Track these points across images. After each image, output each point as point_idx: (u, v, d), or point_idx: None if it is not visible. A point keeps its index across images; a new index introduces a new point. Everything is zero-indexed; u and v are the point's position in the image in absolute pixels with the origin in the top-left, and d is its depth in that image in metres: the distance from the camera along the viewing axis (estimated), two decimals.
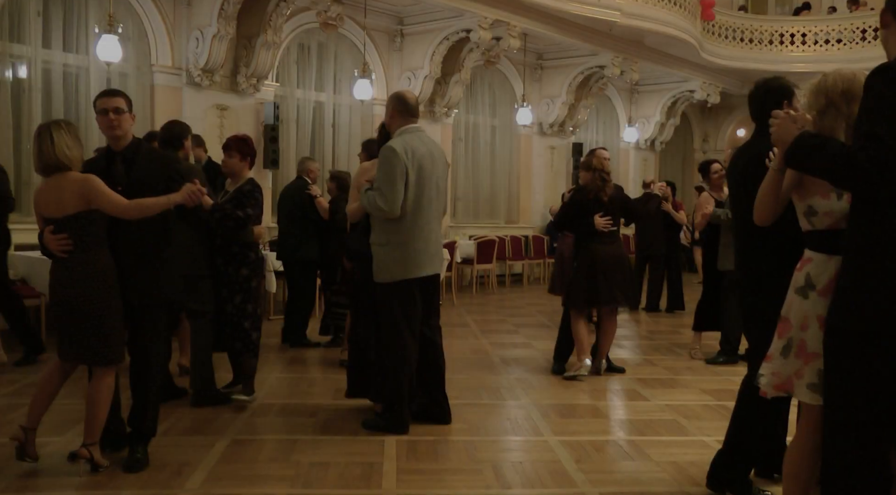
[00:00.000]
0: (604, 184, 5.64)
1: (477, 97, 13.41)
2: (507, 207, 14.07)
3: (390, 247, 4.24)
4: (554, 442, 4.21)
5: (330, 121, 11.15)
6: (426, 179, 4.26)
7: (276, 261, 8.13)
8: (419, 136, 4.35)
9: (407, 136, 4.30)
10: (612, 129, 16.42)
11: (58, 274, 3.47)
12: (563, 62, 13.95)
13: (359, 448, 4.02)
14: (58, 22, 8.34)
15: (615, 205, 5.68)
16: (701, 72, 15.59)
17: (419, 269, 4.26)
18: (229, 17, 9.03)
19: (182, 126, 5.05)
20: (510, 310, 9.97)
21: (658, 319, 9.19)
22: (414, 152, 4.22)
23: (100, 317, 3.41)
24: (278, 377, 5.70)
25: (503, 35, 11.26)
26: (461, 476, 3.65)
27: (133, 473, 3.54)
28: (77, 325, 3.43)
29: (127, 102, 3.62)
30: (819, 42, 15.53)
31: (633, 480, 3.65)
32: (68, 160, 3.41)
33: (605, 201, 5.63)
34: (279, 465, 3.73)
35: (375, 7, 10.96)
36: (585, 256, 5.67)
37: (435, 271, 4.41)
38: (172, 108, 9.04)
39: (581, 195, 5.74)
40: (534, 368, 6.20)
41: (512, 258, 13.02)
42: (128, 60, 8.79)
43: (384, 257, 4.25)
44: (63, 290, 3.44)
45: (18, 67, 8.12)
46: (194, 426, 4.37)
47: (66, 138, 3.41)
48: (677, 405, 5.09)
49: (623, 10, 12.10)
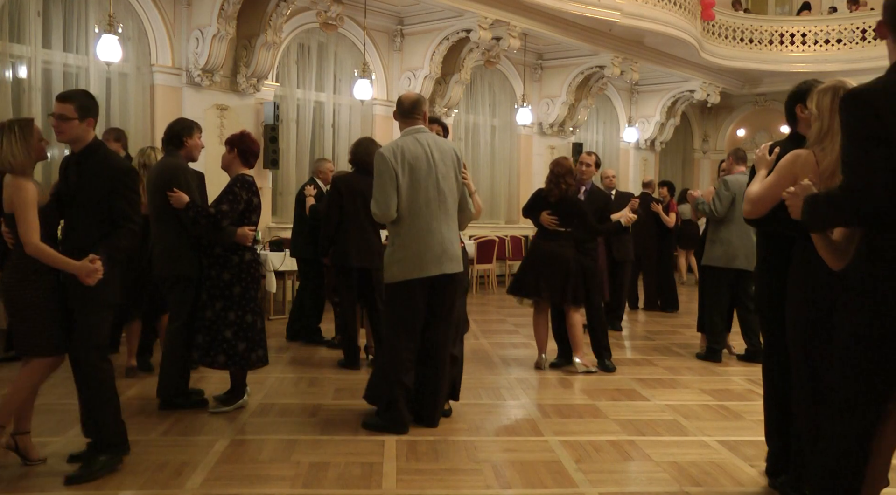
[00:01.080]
0: (555, 187, 5.92)
1: (477, 97, 13.41)
2: (507, 207, 14.06)
3: (394, 249, 4.31)
4: (554, 442, 4.21)
5: (330, 121, 11.15)
6: (420, 181, 4.25)
7: (276, 261, 8.22)
8: (417, 137, 4.33)
9: (403, 139, 4.35)
10: (612, 129, 16.42)
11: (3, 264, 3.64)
12: (563, 62, 13.95)
13: (359, 448, 4.02)
14: (58, 22, 8.34)
15: (563, 208, 5.93)
16: (701, 72, 15.58)
17: (419, 271, 4.26)
18: (229, 17, 9.04)
19: (183, 123, 4.89)
20: (510, 309, 9.99)
21: (658, 319, 9.19)
22: (405, 154, 4.24)
23: (22, 309, 3.46)
24: (278, 377, 5.70)
25: (503, 35, 11.26)
26: (461, 476, 3.65)
27: (69, 485, 3.39)
28: (8, 314, 3.59)
29: (78, 108, 3.48)
30: (819, 42, 15.53)
31: (633, 480, 3.65)
32: (11, 166, 3.45)
33: (552, 202, 5.95)
34: (279, 465, 3.73)
35: (375, 7, 10.96)
36: (529, 248, 6.35)
37: (441, 272, 4.30)
38: (172, 108, 9.04)
39: (540, 192, 6.14)
40: (534, 368, 6.20)
41: (512, 258, 13.02)
42: (128, 60, 8.80)
43: (388, 259, 4.34)
44: (2, 280, 3.56)
45: (18, 67, 8.12)
46: (194, 426, 4.37)
47: (13, 146, 3.44)
48: (677, 405, 5.09)
49: (623, 10, 12.10)
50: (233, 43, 9.41)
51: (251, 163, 4.80)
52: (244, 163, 4.75)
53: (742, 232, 6.35)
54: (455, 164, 4.40)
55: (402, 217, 4.25)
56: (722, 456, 4.03)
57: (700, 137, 19.04)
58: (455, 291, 4.45)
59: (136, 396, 5.01)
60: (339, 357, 6.22)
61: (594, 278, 6.12)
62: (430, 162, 4.29)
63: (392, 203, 4.22)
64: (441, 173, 4.31)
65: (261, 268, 8.15)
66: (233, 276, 4.56)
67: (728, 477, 3.70)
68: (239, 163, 4.74)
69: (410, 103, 4.42)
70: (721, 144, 18.73)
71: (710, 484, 3.61)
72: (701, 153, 18.98)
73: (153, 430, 4.26)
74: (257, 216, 4.72)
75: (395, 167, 4.21)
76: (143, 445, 3.98)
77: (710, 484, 3.61)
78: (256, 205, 4.67)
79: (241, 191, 4.57)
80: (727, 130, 18.83)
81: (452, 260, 4.34)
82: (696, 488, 3.55)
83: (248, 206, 4.61)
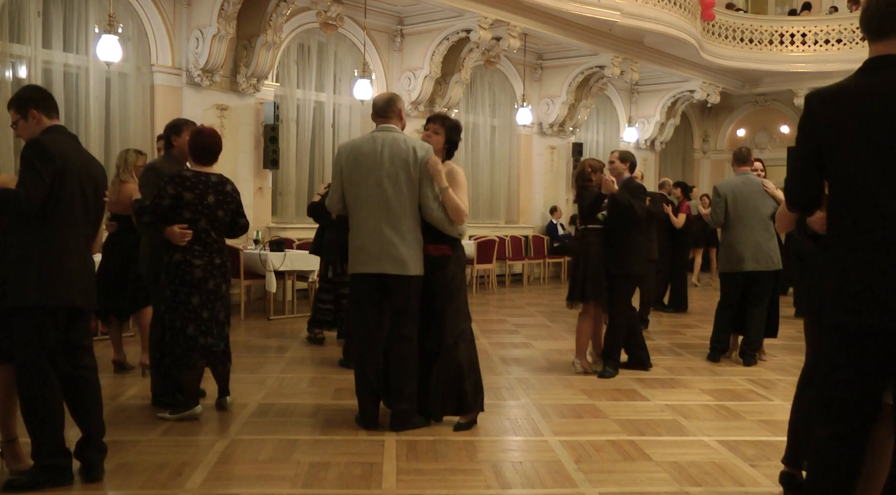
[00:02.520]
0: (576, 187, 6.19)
1: (477, 97, 13.41)
2: (507, 207, 14.07)
3: (349, 243, 4.45)
4: (554, 442, 4.21)
5: (330, 121, 11.15)
6: (361, 177, 4.30)
7: (276, 261, 8.21)
8: (375, 135, 4.39)
9: (363, 136, 4.54)
10: (612, 129, 16.42)
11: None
12: (563, 62, 13.95)
13: (359, 448, 4.02)
14: (58, 22, 8.34)
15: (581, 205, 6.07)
16: (701, 72, 15.59)
17: (358, 266, 4.37)
18: (229, 17, 9.04)
19: (173, 123, 4.90)
20: (510, 310, 9.99)
21: (658, 319, 9.18)
22: (352, 150, 4.38)
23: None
24: (278, 377, 5.70)
25: (503, 35, 11.26)
26: (461, 476, 3.65)
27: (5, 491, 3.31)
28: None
29: (17, 110, 3.43)
30: (819, 42, 15.52)
31: (633, 480, 3.65)
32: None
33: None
34: (279, 465, 3.73)
35: (375, 7, 10.96)
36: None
37: (380, 271, 4.27)
38: (172, 108, 9.05)
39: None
40: (534, 368, 6.20)
41: (512, 258, 13.03)
42: (128, 60, 8.80)
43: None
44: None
45: (18, 67, 8.12)
46: (194, 426, 4.37)
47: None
48: (677, 405, 5.09)
49: (623, 10, 12.10)
50: (233, 43, 9.41)
51: (202, 161, 4.47)
52: (195, 159, 4.49)
53: (746, 233, 6.28)
54: (408, 165, 4.25)
55: (349, 211, 4.40)
56: (722, 456, 4.03)
57: (700, 137, 19.04)
58: (403, 293, 4.29)
59: (137, 396, 5.02)
60: (339, 357, 6.22)
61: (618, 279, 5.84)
62: (377, 159, 4.28)
63: (335, 196, 4.42)
64: (387, 172, 4.26)
65: (259, 267, 8.22)
66: (165, 277, 4.40)
67: (728, 477, 3.70)
68: (190, 159, 4.57)
69: (384, 102, 4.46)
70: (721, 144, 18.74)
71: (710, 484, 3.61)
72: (701, 153, 18.98)
73: (153, 430, 4.26)
74: (194, 213, 4.34)
75: (342, 161, 4.39)
76: (143, 445, 3.99)
77: (710, 484, 3.61)
78: (189, 200, 4.31)
79: (168, 185, 4.31)
80: (727, 130, 18.83)
81: (395, 261, 4.25)
82: (696, 488, 3.55)
83: (177, 202, 4.30)
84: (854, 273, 2.36)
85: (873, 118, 2.34)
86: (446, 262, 4.39)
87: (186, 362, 4.40)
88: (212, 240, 4.43)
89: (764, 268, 6.30)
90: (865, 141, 2.35)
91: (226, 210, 4.47)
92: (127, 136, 8.85)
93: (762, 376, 6.05)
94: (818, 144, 2.47)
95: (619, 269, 5.81)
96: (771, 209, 6.23)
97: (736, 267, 6.35)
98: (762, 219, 6.29)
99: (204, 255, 4.39)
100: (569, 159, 14.84)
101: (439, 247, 4.37)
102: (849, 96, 2.41)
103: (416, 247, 4.30)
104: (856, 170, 2.37)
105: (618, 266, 5.81)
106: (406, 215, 4.28)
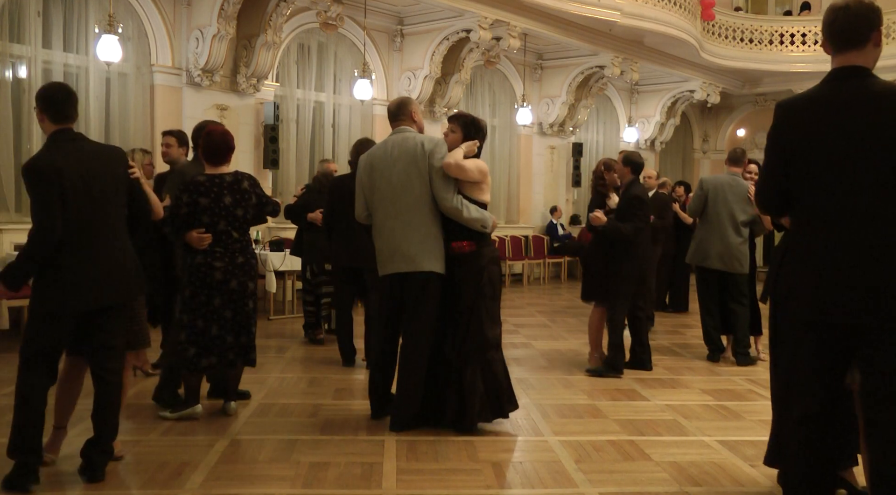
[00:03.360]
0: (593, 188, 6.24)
1: (477, 97, 13.40)
2: (507, 207, 14.06)
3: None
4: (554, 442, 4.21)
5: (330, 121, 11.14)
6: (378, 180, 4.38)
7: (276, 261, 8.22)
8: (387, 139, 4.49)
9: (380, 142, 4.60)
10: (612, 129, 16.41)
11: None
12: (563, 62, 13.94)
13: (359, 448, 4.02)
14: (58, 22, 8.33)
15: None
16: (701, 72, 15.57)
17: (380, 269, 4.45)
18: (229, 17, 9.03)
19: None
20: (510, 310, 9.98)
21: (659, 319, 9.18)
22: (367, 158, 4.48)
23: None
24: (278, 377, 5.70)
25: (503, 35, 11.26)
26: (461, 476, 3.65)
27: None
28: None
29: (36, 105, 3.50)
30: (819, 42, 15.49)
31: (633, 480, 3.65)
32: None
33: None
34: (279, 465, 3.73)
35: (375, 7, 10.95)
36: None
37: (394, 271, 4.33)
38: (172, 109, 9.05)
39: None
40: (534, 368, 6.20)
41: (512, 258, 13.02)
42: (128, 60, 8.79)
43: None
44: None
45: (18, 67, 8.12)
46: (194, 426, 4.37)
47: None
48: (677, 405, 5.09)
49: (623, 10, 12.10)
50: (233, 43, 9.41)
51: (214, 162, 4.49)
52: (208, 162, 4.51)
53: (718, 232, 6.28)
54: (416, 159, 4.28)
55: (372, 217, 4.49)
56: (722, 456, 4.03)
57: (700, 137, 19.03)
58: (416, 291, 4.29)
59: (137, 396, 5.02)
60: (338, 357, 6.22)
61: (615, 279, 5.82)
62: (389, 161, 4.36)
63: (359, 206, 4.51)
64: (397, 170, 4.32)
65: (259, 268, 8.20)
66: (187, 279, 4.41)
67: (728, 477, 3.70)
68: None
69: (395, 106, 4.55)
70: (721, 144, 18.72)
71: (710, 484, 3.62)
72: (701, 153, 18.97)
73: (153, 430, 4.27)
74: (211, 216, 4.34)
75: (360, 171, 4.49)
76: (143, 445, 3.99)
77: (710, 484, 3.62)
78: (205, 205, 4.32)
79: (183, 193, 4.35)
80: (727, 130, 18.82)
81: (405, 258, 4.28)
82: (696, 488, 3.55)
83: (193, 209, 4.32)
84: (816, 271, 2.50)
85: (836, 126, 2.49)
86: (472, 259, 4.32)
87: (196, 363, 4.40)
88: (233, 241, 4.41)
89: (728, 269, 6.29)
90: (829, 147, 2.49)
91: (245, 208, 4.44)
92: (127, 137, 8.84)
93: (762, 376, 6.05)
94: (785, 151, 2.60)
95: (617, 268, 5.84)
96: (747, 216, 6.25)
97: (701, 261, 6.41)
98: (736, 222, 6.30)
99: (225, 257, 4.38)
100: (569, 159, 14.84)
101: (461, 244, 4.32)
102: (814, 105, 2.57)
103: (430, 242, 4.28)
104: (820, 175, 2.52)
105: (616, 265, 5.83)
106: (419, 209, 4.28)
